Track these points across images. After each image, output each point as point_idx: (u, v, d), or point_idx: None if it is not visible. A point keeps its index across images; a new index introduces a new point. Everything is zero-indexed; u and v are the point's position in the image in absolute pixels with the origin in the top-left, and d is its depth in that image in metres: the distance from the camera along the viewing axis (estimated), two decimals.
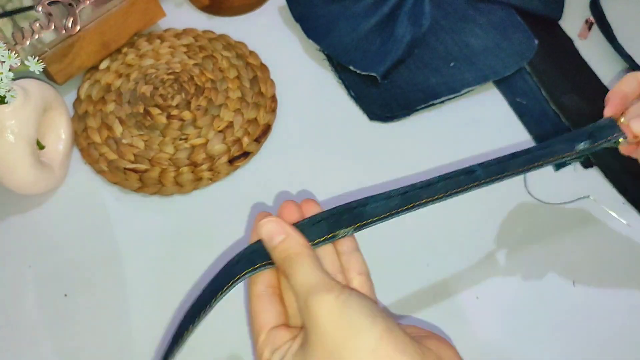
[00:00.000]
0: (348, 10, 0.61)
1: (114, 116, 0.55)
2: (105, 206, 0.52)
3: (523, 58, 0.57)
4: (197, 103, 0.55)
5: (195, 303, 0.34)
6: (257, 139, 0.54)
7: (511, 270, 0.48)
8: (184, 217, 0.51)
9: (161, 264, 0.49)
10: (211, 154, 0.53)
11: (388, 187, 0.37)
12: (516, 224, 0.50)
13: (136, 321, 0.46)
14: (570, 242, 0.49)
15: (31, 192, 0.49)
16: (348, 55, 0.58)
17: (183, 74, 0.57)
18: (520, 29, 0.59)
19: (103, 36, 0.56)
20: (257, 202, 0.52)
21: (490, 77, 0.57)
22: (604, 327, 0.46)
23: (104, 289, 0.47)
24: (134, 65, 0.58)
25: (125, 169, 0.52)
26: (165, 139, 0.53)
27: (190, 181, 0.52)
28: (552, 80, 0.58)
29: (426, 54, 0.59)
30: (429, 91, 0.57)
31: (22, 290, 0.47)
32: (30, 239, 0.50)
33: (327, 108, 0.57)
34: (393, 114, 0.56)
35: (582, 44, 0.61)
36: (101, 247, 0.49)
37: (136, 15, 0.58)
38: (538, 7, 0.61)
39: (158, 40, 0.60)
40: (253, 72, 0.58)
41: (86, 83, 0.57)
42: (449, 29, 0.60)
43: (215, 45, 0.60)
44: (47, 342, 0.45)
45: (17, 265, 0.49)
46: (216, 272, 0.34)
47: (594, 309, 0.46)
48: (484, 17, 0.60)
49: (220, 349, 0.45)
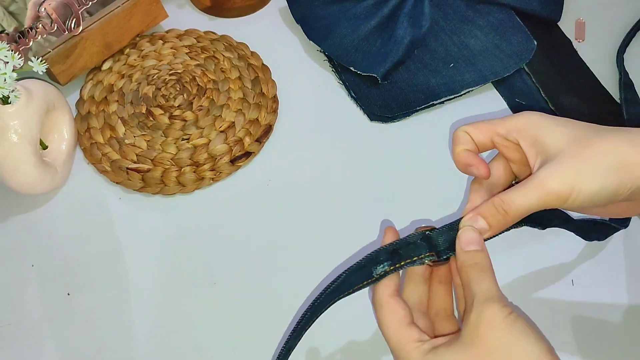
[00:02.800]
0: (348, 12, 0.61)
1: (117, 116, 0.55)
2: (108, 206, 0.52)
3: (522, 59, 0.58)
4: (199, 103, 0.56)
5: (330, 293, 0.36)
6: (259, 139, 0.55)
7: (511, 270, 0.48)
8: (186, 216, 0.51)
9: (163, 263, 0.49)
10: (213, 154, 0.53)
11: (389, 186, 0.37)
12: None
13: (138, 321, 0.46)
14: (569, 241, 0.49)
15: (34, 191, 0.49)
16: (348, 56, 0.58)
17: (185, 75, 0.57)
18: (519, 30, 0.60)
19: (106, 37, 0.57)
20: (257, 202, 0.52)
21: (490, 78, 0.57)
22: (603, 327, 0.46)
23: (106, 288, 0.48)
24: (137, 66, 0.58)
25: (128, 168, 0.52)
26: (168, 139, 0.54)
27: (192, 181, 0.52)
28: (551, 81, 0.58)
29: (426, 55, 0.59)
30: (429, 92, 0.57)
31: (25, 289, 0.48)
32: (33, 239, 0.50)
33: (327, 109, 0.57)
34: (393, 115, 0.56)
35: (581, 45, 0.61)
36: (103, 247, 0.50)
37: (139, 16, 0.58)
38: (537, 8, 0.61)
39: (160, 41, 0.60)
40: (254, 73, 0.58)
41: (89, 83, 0.58)
42: (449, 30, 0.61)
43: (217, 46, 0.60)
44: (50, 341, 0.45)
45: (20, 264, 0.49)
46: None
47: (592, 308, 0.47)
48: (483, 18, 0.61)
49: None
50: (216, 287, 0.48)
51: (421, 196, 0.52)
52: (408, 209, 0.51)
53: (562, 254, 0.49)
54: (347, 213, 0.51)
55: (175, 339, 0.45)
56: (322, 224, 0.50)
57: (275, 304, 0.46)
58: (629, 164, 0.33)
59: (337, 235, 0.50)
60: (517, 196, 0.34)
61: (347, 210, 0.51)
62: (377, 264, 0.36)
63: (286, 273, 0.48)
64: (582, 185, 0.33)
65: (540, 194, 0.33)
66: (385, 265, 0.35)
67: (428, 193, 0.52)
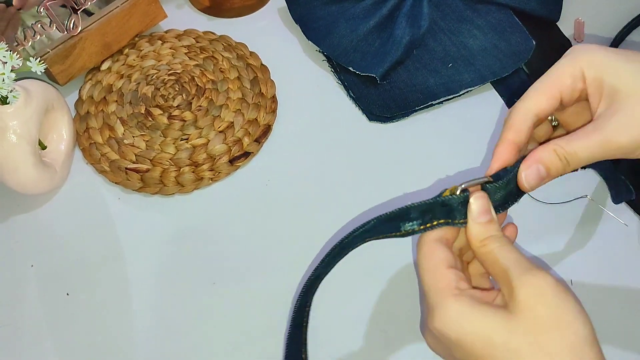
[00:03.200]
0: (347, 12, 0.61)
1: (116, 117, 0.55)
2: (107, 206, 0.52)
3: (520, 59, 0.58)
4: (198, 103, 0.56)
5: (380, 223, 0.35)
6: (258, 139, 0.55)
7: None
8: (185, 216, 0.51)
9: (162, 263, 0.49)
10: (212, 154, 0.53)
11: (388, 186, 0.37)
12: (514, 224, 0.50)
13: (138, 321, 0.46)
14: (567, 241, 0.50)
15: (33, 192, 0.49)
16: (347, 56, 0.58)
17: (184, 75, 0.57)
18: (518, 30, 0.60)
19: (105, 37, 0.57)
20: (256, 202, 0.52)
21: (488, 78, 0.57)
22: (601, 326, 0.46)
23: (105, 288, 0.48)
24: (136, 66, 0.58)
25: (127, 169, 0.52)
26: (167, 139, 0.54)
27: (191, 181, 0.52)
28: None
29: (425, 55, 0.59)
30: (428, 92, 0.57)
31: (24, 290, 0.48)
32: (32, 239, 0.50)
33: (326, 109, 0.57)
34: (392, 115, 0.56)
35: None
36: (103, 247, 0.50)
37: (137, 16, 0.58)
38: (536, 8, 0.61)
39: (159, 41, 0.60)
40: (253, 73, 0.58)
41: (88, 84, 0.58)
42: (447, 30, 0.61)
43: (216, 46, 0.60)
44: (49, 341, 0.46)
45: (20, 264, 0.49)
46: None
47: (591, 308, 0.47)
48: (481, 18, 0.61)
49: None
50: (216, 287, 0.48)
51: (420, 196, 0.52)
52: None
53: (561, 254, 0.49)
54: (346, 213, 0.51)
55: (175, 339, 0.46)
56: (321, 224, 0.50)
57: (274, 304, 0.47)
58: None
59: (336, 235, 0.50)
60: (581, 147, 0.31)
61: (346, 210, 0.51)
62: (406, 220, 0.34)
63: (286, 273, 0.48)
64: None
65: (607, 148, 0.31)
66: (414, 223, 0.34)
67: (427, 193, 0.52)
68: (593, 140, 0.31)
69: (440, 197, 0.34)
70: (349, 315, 0.46)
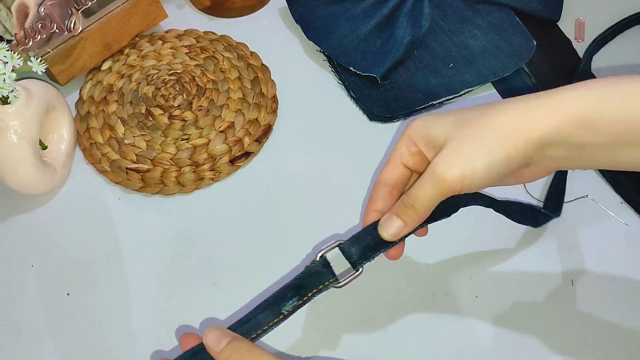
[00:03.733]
0: (348, 12, 0.61)
1: (116, 116, 0.55)
2: (108, 206, 0.52)
3: (522, 59, 0.58)
4: (198, 103, 0.56)
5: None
6: (258, 139, 0.55)
7: (510, 269, 0.48)
8: (186, 216, 0.51)
9: (163, 263, 0.49)
10: (212, 154, 0.53)
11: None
12: (514, 223, 0.50)
13: (138, 321, 0.46)
14: (568, 241, 0.50)
15: (34, 191, 0.49)
16: (348, 56, 0.58)
17: (185, 75, 0.57)
18: (519, 30, 0.60)
19: (105, 37, 0.57)
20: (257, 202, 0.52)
21: (489, 78, 0.57)
22: (602, 326, 0.46)
23: (106, 289, 0.48)
24: (136, 66, 0.58)
25: (128, 169, 0.52)
26: (167, 139, 0.54)
27: (191, 181, 0.52)
28: (551, 81, 0.58)
29: (425, 55, 0.59)
30: (428, 92, 0.57)
31: (24, 290, 0.48)
32: (32, 239, 0.50)
33: (327, 109, 0.57)
34: (393, 115, 0.56)
35: (580, 45, 0.61)
36: (103, 247, 0.50)
37: (138, 16, 0.58)
38: (537, 8, 0.61)
39: (160, 41, 0.60)
40: (254, 73, 0.58)
41: (88, 84, 0.58)
42: (448, 30, 0.61)
43: (216, 46, 0.60)
44: (49, 341, 0.46)
45: (20, 264, 0.49)
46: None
47: (592, 308, 0.47)
48: (482, 18, 0.61)
49: None
50: (216, 287, 0.48)
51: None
52: None
53: (562, 254, 0.49)
54: (346, 213, 0.51)
55: (175, 339, 0.46)
56: (321, 224, 0.50)
57: None
58: (521, 128, 0.33)
59: (336, 235, 0.50)
60: (417, 190, 0.35)
61: (346, 211, 0.51)
62: (284, 301, 0.36)
63: (286, 273, 0.48)
64: (473, 163, 0.33)
65: (434, 182, 0.34)
66: (294, 300, 0.36)
67: None
68: (427, 182, 0.34)
69: (306, 268, 0.37)
70: (349, 315, 0.46)
